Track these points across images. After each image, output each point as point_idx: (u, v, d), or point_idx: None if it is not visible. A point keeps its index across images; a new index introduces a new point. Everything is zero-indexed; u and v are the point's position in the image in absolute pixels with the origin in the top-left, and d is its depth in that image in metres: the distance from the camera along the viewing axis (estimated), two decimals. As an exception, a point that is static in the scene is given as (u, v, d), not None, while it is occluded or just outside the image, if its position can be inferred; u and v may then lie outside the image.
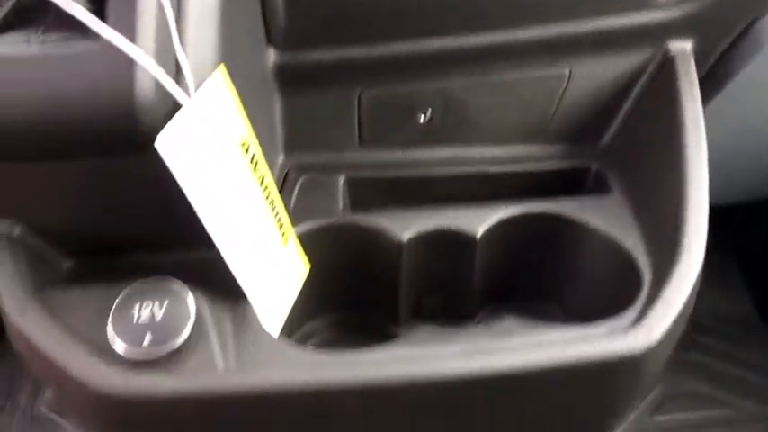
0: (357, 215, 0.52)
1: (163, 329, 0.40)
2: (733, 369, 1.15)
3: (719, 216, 1.13)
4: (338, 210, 0.53)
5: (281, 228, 0.47)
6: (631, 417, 1.09)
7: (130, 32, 0.33)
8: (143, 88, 0.34)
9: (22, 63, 0.33)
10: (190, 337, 0.40)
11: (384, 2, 0.49)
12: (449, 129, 0.57)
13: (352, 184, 0.56)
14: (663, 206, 0.49)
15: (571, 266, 0.54)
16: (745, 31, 0.56)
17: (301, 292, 0.51)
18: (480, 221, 0.51)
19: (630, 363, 0.41)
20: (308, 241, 0.51)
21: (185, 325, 0.40)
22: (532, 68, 0.55)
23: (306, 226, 0.51)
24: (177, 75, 0.36)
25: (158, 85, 0.34)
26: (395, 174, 0.56)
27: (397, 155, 0.57)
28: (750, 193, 0.91)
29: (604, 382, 0.42)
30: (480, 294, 0.57)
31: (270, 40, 0.51)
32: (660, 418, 1.09)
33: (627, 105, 0.57)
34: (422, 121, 0.56)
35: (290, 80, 0.53)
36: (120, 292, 0.42)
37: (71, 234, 0.45)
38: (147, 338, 0.39)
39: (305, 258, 0.51)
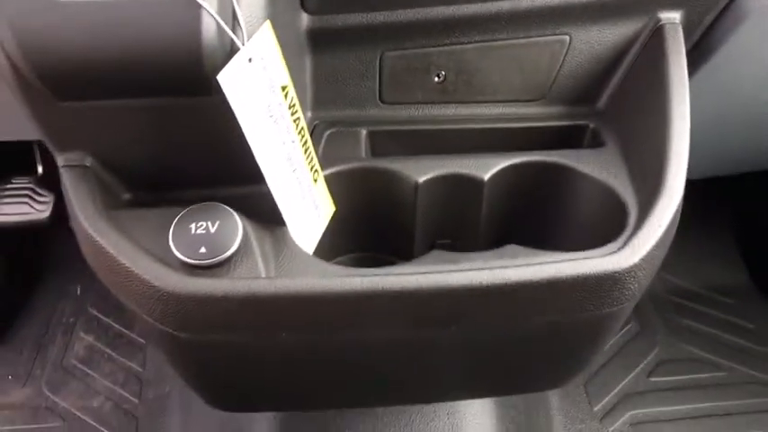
0: (378, 160, 0.59)
1: (215, 242, 0.47)
2: (728, 336, 1.22)
3: (716, 189, 1.19)
4: (361, 157, 0.60)
5: (312, 168, 0.54)
6: (629, 376, 1.16)
7: None
8: (208, 34, 0.41)
9: (105, 8, 0.40)
10: (238, 249, 0.47)
11: None
12: (460, 88, 0.63)
13: (373, 135, 0.63)
14: (650, 154, 0.55)
15: (567, 210, 0.61)
16: (728, 5, 0.62)
17: (328, 230, 0.58)
18: (487, 167, 0.58)
19: (616, 279, 0.48)
20: (334, 183, 0.58)
21: (235, 238, 0.47)
22: (536, 34, 0.61)
23: (332, 169, 0.58)
24: (234, 26, 0.43)
25: (220, 32, 0.41)
26: (412, 128, 0.63)
27: (414, 112, 0.64)
28: (741, 164, 0.96)
29: (592, 298, 0.49)
30: (485, 238, 0.64)
31: (303, 5, 0.58)
32: (656, 380, 1.16)
33: (621, 70, 0.64)
34: (436, 80, 0.63)
35: (320, 42, 0.60)
36: (176, 215, 0.49)
37: (133, 168, 0.52)
38: (203, 249, 0.47)
39: (331, 199, 0.58)
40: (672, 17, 0.61)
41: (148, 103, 0.45)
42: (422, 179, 0.57)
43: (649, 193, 0.53)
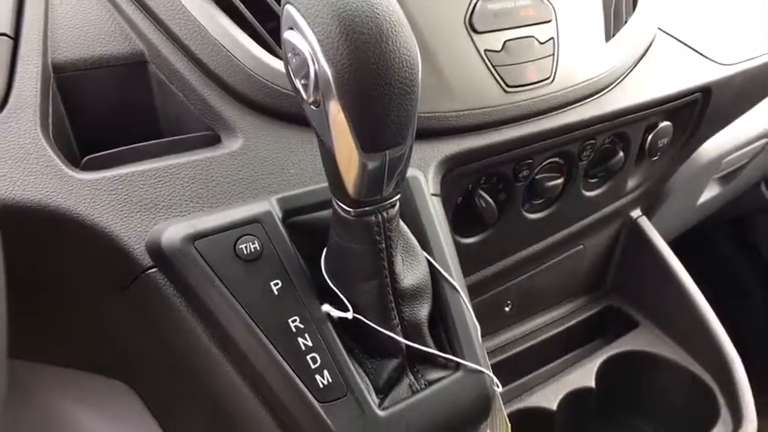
0: (510, 403, 0.68)
1: None
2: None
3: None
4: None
5: None
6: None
7: (475, 359, 0.46)
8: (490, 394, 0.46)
9: (419, 403, 0.42)
10: None
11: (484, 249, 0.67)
12: (523, 309, 0.76)
13: None
14: (688, 326, 0.73)
15: (651, 390, 0.76)
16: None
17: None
18: (592, 373, 0.71)
19: None
20: None
21: None
22: (565, 251, 0.77)
23: None
24: None
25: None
26: (497, 360, 0.74)
27: (490, 342, 0.75)
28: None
29: None
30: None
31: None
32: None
33: (616, 256, 0.83)
34: (507, 310, 0.75)
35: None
36: None
37: None
38: None
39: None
40: (638, 213, 0.83)
41: None
42: (555, 406, 0.68)
43: (718, 365, 0.71)
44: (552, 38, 0.59)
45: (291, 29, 0.34)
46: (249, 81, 0.47)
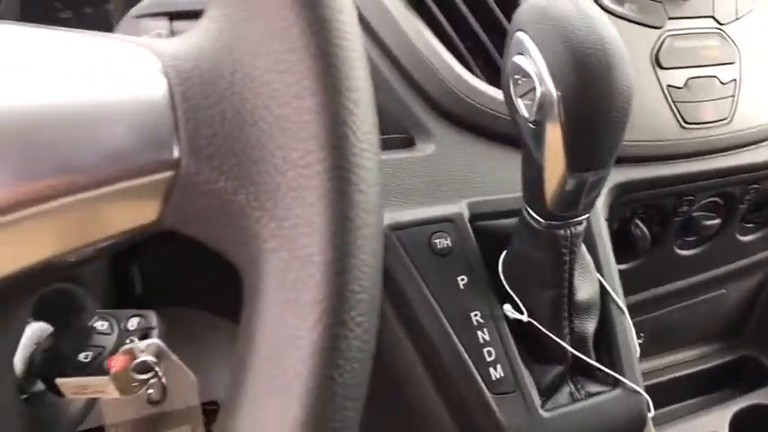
0: None
1: None
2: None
3: None
4: None
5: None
6: None
7: (634, 379, 0.48)
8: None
9: (579, 411, 0.45)
10: None
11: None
12: (655, 343, 0.76)
13: None
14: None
15: None
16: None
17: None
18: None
19: None
20: None
21: None
22: (703, 293, 0.76)
23: None
24: None
25: None
26: None
27: None
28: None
29: None
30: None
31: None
32: None
33: (760, 306, 0.80)
34: (640, 341, 0.75)
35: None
36: None
37: None
38: None
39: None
40: None
41: None
42: None
43: None
44: (735, 79, 0.59)
45: (521, 54, 0.37)
46: (448, 93, 0.51)
